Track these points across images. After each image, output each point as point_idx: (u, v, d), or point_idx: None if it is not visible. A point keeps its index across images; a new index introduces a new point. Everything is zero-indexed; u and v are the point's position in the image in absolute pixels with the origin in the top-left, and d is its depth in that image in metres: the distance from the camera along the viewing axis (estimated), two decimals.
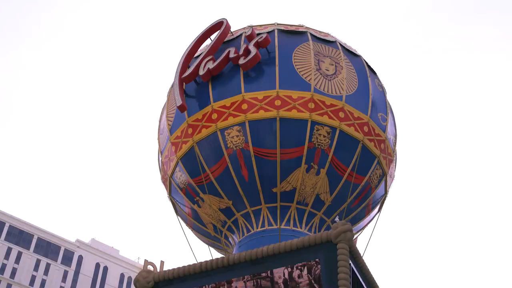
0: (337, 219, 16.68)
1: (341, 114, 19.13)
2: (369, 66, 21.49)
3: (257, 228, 19.14)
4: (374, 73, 21.74)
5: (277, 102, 18.83)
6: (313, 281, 14.05)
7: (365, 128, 19.56)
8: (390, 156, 20.75)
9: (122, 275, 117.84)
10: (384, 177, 20.58)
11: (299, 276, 14.33)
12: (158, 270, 16.27)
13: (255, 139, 18.67)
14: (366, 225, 21.81)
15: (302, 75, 19.23)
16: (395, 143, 21.59)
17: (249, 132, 18.68)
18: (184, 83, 20.47)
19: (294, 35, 20.74)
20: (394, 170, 21.75)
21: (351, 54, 21.17)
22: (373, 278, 16.06)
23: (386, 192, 21.26)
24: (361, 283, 15.33)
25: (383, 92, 21.49)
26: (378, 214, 21.60)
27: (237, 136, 18.84)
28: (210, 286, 15.01)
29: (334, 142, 18.84)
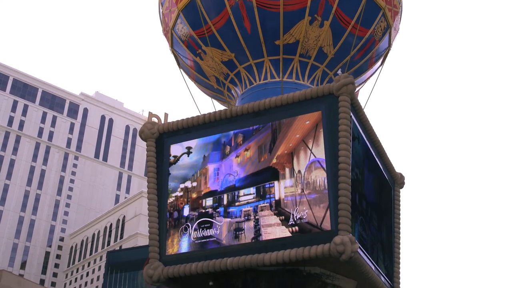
0: (339, 72, 16.72)
1: None
2: None
3: (259, 81, 19.22)
4: None
5: None
6: None
7: None
8: (395, 8, 20.29)
9: (127, 127, 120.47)
10: (388, 29, 20.27)
11: None
12: (163, 122, 16.61)
13: None
14: (369, 78, 21.87)
15: None
16: None
17: None
18: None
19: None
20: (399, 23, 21.36)
21: None
22: (373, 130, 16.41)
23: (389, 45, 21.06)
24: (361, 134, 15.69)
25: None
26: (380, 67, 21.57)
27: None
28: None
29: None
